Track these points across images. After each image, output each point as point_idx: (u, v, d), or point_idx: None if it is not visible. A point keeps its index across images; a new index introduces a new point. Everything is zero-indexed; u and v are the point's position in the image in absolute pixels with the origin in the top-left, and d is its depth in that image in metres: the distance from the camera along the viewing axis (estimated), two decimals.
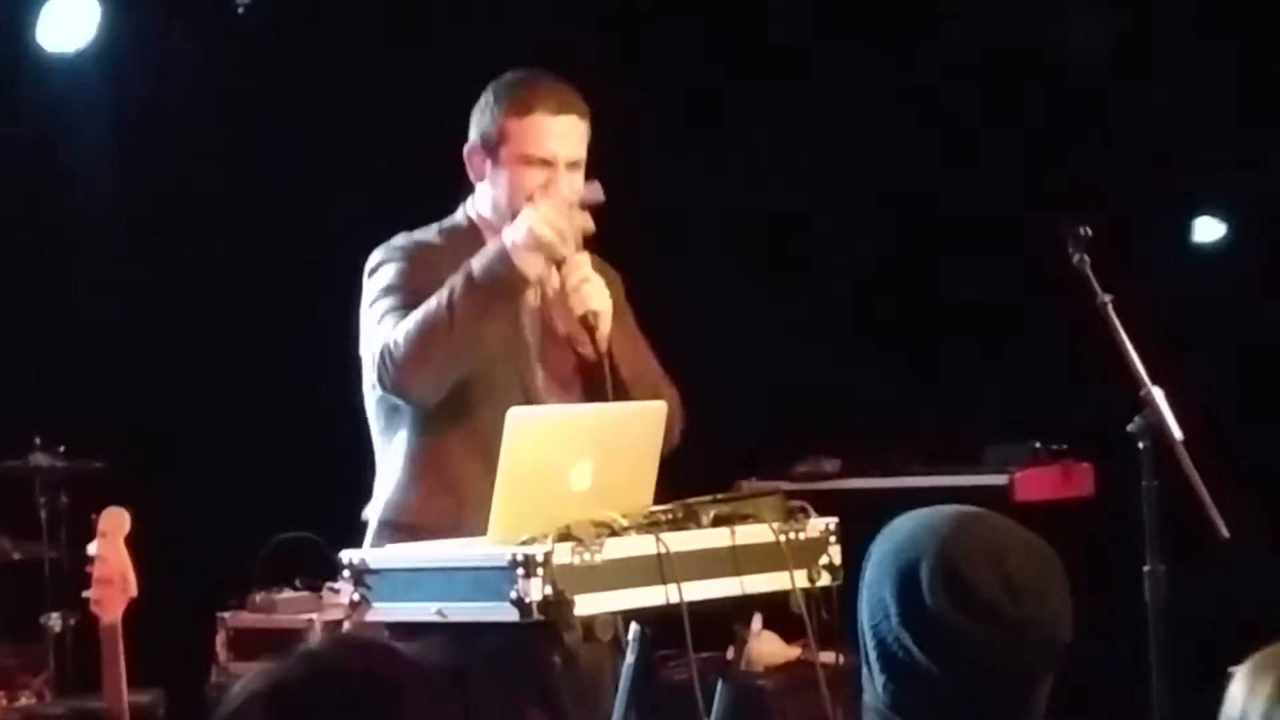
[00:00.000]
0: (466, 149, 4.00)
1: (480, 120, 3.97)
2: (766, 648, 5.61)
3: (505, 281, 3.77)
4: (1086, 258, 4.51)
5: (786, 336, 7.04)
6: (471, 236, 3.96)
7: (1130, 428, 4.36)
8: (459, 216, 4.04)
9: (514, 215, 3.87)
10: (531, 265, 3.78)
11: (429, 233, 4.04)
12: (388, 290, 3.90)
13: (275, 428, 6.52)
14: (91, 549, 3.77)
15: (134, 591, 3.76)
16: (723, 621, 3.75)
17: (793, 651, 5.62)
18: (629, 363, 3.92)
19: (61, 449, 6.08)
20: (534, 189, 3.88)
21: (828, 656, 3.61)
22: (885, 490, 6.49)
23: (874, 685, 2.21)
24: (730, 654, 3.86)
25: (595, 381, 3.86)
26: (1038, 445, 6.56)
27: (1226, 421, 5.92)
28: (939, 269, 7.15)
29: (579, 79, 4.03)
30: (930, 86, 7.10)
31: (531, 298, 3.96)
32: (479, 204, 4.02)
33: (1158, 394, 4.34)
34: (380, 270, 3.95)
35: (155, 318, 6.60)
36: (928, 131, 7.11)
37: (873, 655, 2.20)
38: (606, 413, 3.74)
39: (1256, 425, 6.80)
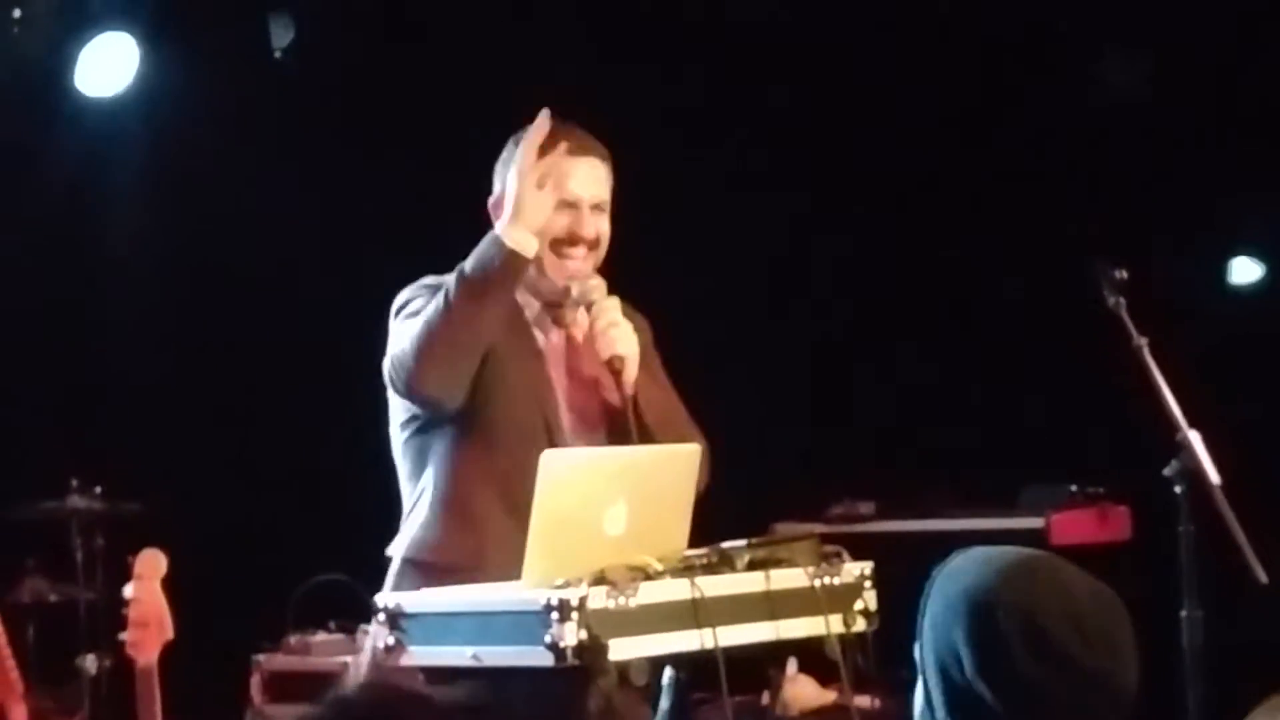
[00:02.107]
0: (491, 200, 4.00)
1: (504, 170, 3.99)
2: (802, 692, 5.59)
3: (498, 263, 3.77)
4: (1123, 300, 4.51)
5: (822, 379, 7.03)
6: None
7: (1167, 471, 4.35)
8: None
9: (537, 258, 3.87)
10: (522, 240, 3.78)
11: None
12: (407, 316, 3.92)
13: (310, 470, 6.53)
14: (127, 591, 3.77)
15: (170, 634, 3.76)
16: (758, 666, 3.73)
17: (828, 696, 5.59)
18: (655, 409, 3.91)
19: (98, 491, 6.10)
20: (559, 231, 3.88)
21: (863, 701, 3.59)
22: (920, 533, 6.46)
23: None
24: (765, 698, 3.84)
25: (620, 426, 3.85)
26: (1074, 488, 6.53)
27: (1264, 465, 5.89)
28: (975, 310, 7.13)
29: (606, 123, 4.03)
30: (968, 127, 7.10)
31: (556, 340, 3.96)
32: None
33: (1194, 437, 4.33)
34: (406, 306, 3.97)
35: (192, 360, 6.62)
36: (965, 172, 7.10)
37: (936, 693, 2.21)
38: (641, 455, 3.73)
39: None
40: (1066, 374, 6.78)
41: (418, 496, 3.94)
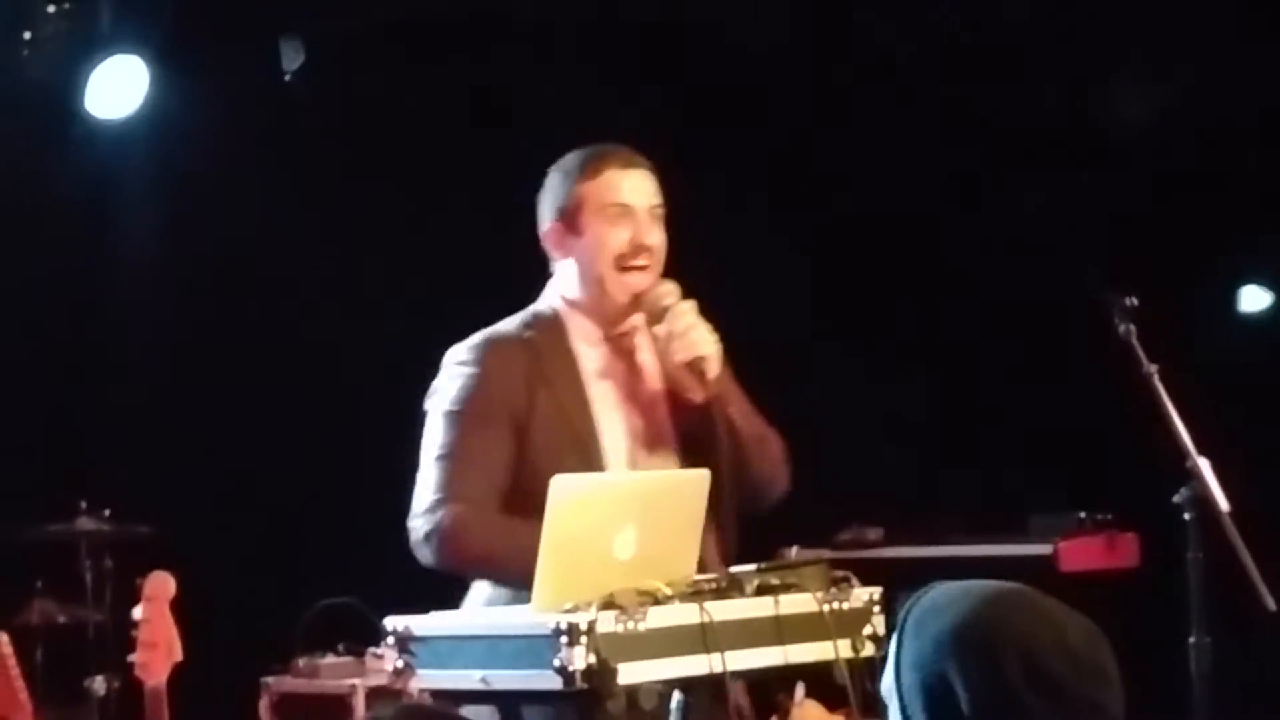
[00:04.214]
0: (544, 231, 4.00)
1: (552, 198, 3.99)
2: (809, 716, 5.58)
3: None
4: (1133, 328, 4.51)
5: (829, 405, 7.03)
6: (556, 325, 3.96)
7: (1176, 498, 4.35)
8: (542, 305, 4.02)
9: (598, 279, 3.89)
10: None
11: (512, 325, 4.00)
12: (452, 421, 3.88)
13: (319, 493, 6.54)
14: (136, 613, 3.78)
15: (179, 656, 3.77)
16: (767, 691, 3.73)
17: None
18: (737, 404, 3.95)
19: (108, 513, 6.11)
20: (621, 245, 3.88)
21: None
22: (928, 559, 6.45)
23: None
24: None
25: (697, 434, 3.84)
26: (1083, 515, 6.53)
27: (1274, 493, 5.89)
28: (985, 338, 7.14)
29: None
30: (976, 156, 7.11)
31: (616, 370, 3.95)
32: (562, 287, 3.99)
33: (1204, 465, 4.33)
34: (454, 379, 3.93)
35: (200, 383, 6.63)
36: (973, 201, 7.11)
37: None
38: (649, 481, 3.74)
39: None
40: (1077, 401, 6.78)
41: None
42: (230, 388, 6.68)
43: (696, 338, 3.84)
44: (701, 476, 3.66)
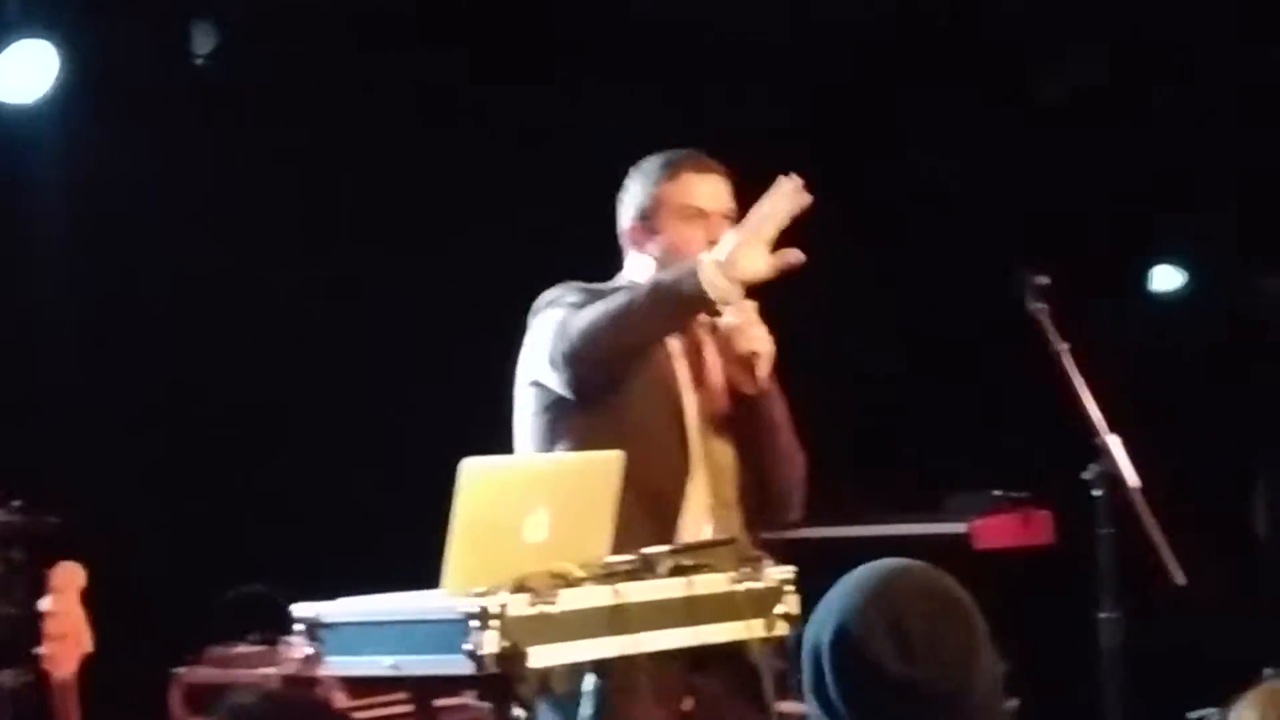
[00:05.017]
0: (625, 229, 4.20)
1: (633, 199, 4.19)
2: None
3: (685, 290, 3.88)
4: (1044, 306, 4.54)
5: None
6: None
7: (1086, 475, 4.39)
8: (620, 283, 4.19)
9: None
10: (717, 288, 3.86)
11: (606, 288, 4.15)
12: (569, 300, 4.05)
13: (230, 481, 6.49)
14: (45, 605, 3.74)
15: (88, 647, 3.72)
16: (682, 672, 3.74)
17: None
18: (780, 408, 4.18)
19: (16, 504, 6.03)
20: (697, 243, 4.04)
21: (785, 705, 3.60)
22: (847, 539, 6.47)
23: None
24: (687, 705, 3.84)
25: (747, 423, 4.09)
26: (998, 493, 6.57)
27: (1182, 468, 5.94)
28: (898, 317, 7.16)
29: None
30: (891, 131, 7.13)
31: (684, 348, 4.13)
32: (638, 277, 4.15)
33: (1114, 441, 4.37)
34: (557, 299, 4.09)
35: (111, 371, 6.57)
36: (887, 175, 7.13)
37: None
38: (561, 463, 3.75)
39: (1213, 471, 6.83)
40: (990, 380, 6.82)
41: None
42: (141, 377, 6.62)
43: (756, 334, 4.05)
44: (614, 458, 3.66)
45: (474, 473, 3.41)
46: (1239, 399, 7.16)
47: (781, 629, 3.61)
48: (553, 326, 4.00)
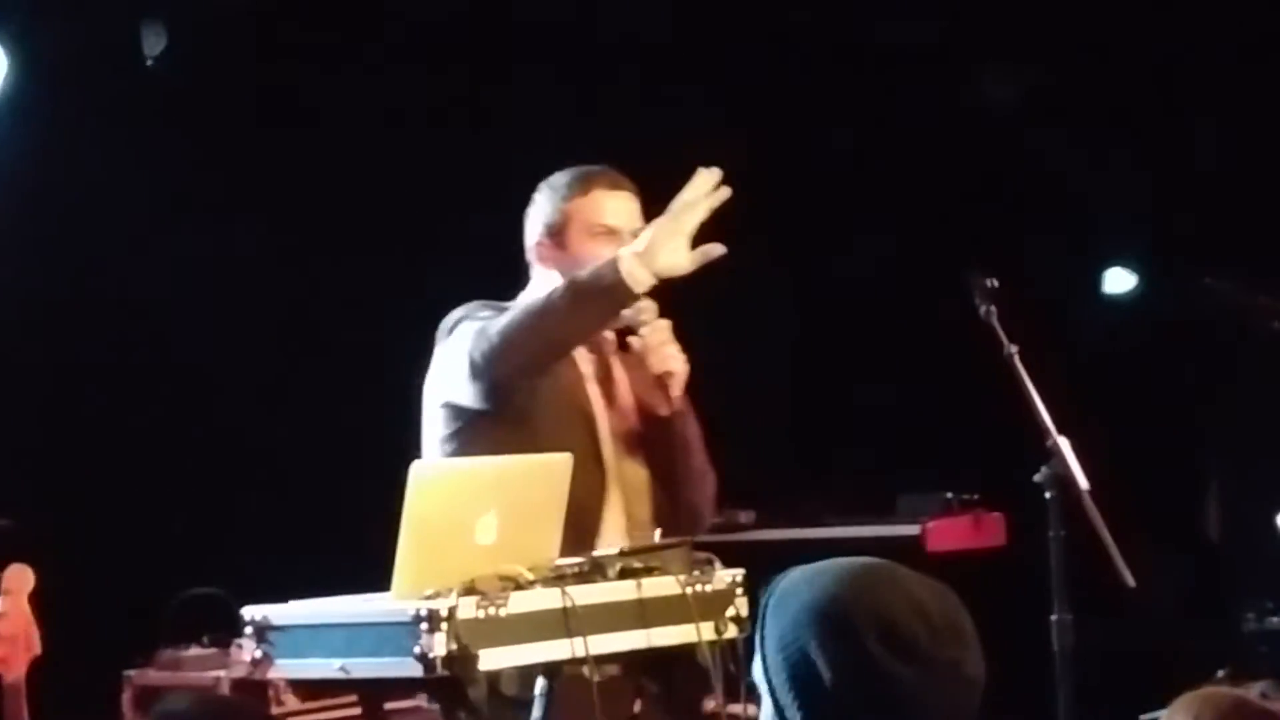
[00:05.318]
0: (532, 244, 4.15)
1: (541, 213, 4.16)
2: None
3: (606, 283, 3.84)
4: (993, 309, 4.55)
5: (700, 387, 7.03)
6: None
7: (1037, 477, 4.40)
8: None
9: None
10: (637, 279, 3.83)
11: (502, 305, 4.11)
12: (481, 314, 4.01)
13: (180, 483, 6.47)
14: None
15: (38, 649, 3.72)
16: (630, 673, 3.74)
17: None
18: (693, 430, 4.13)
19: None
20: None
21: (735, 708, 3.60)
22: (798, 541, 6.49)
23: None
24: (638, 707, 3.84)
25: (659, 443, 4.05)
26: (949, 495, 6.59)
27: (1133, 471, 5.96)
28: (850, 319, 7.17)
29: None
30: (837, 133, 7.13)
31: (595, 368, 4.11)
32: (539, 292, 4.10)
33: (1064, 444, 4.38)
34: (464, 319, 4.04)
35: (61, 373, 6.54)
36: (838, 178, 7.14)
37: (793, 712, 2.21)
38: (510, 465, 3.73)
39: (1163, 474, 6.86)
40: (941, 382, 6.83)
41: None
42: (89, 378, 6.59)
43: (670, 352, 4.02)
44: (563, 461, 3.65)
45: (423, 475, 3.41)
46: (1190, 401, 7.19)
47: (732, 631, 3.61)
48: (469, 338, 3.94)
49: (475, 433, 3.97)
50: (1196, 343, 7.09)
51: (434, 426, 4.06)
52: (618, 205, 4.09)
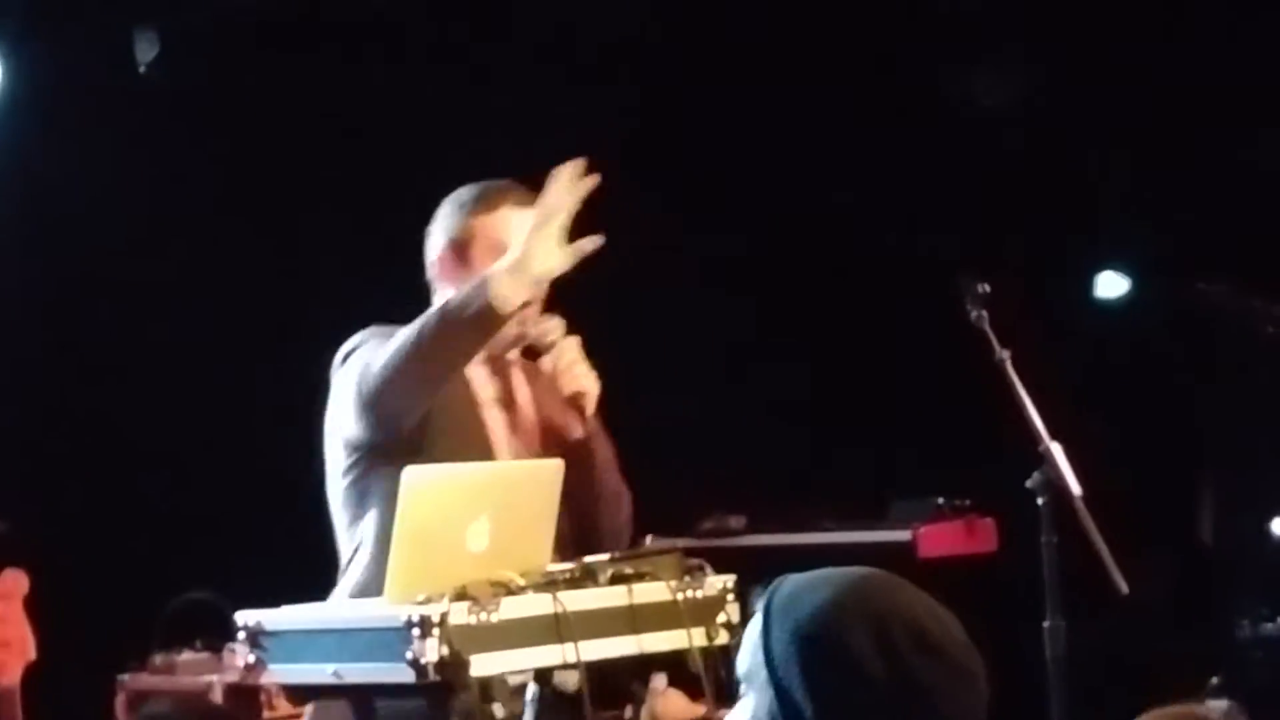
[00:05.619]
0: (435, 256, 4.08)
1: (446, 225, 4.07)
2: (672, 705, 5.58)
3: (475, 309, 3.74)
4: (985, 314, 4.55)
5: (691, 392, 7.04)
6: None
7: (1029, 483, 4.40)
8: None
9: None
10: (508, 293, 3.74)
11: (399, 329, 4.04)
12: (370, 345, 3.94)
13: (175, 488, 6.47)
14: None
15: (32, 654, 3.71)
16: (621, 681, 3.74)
17: (698, 709, 5.59)
18: (604, 452, 4.05)
19: None
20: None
21: (727, 714, 3.59)
22: (790, 547, 6.48)
23: None
24: (628, 713, 3.84)
25: (571, 465, 3.84)
26: (941, 501, 6.58)
27: (1126, 476, 5.97)
28: (844, 323, 7.17)
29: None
30: (831, 138, 7.13)
31: (496, 392, 4.03)
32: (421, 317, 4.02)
33: (1056, 449, 4.38)
34: (359, 349, 3.97)
35: (54, 376, 6.55)
36: (829, 183, 7.14)
37: (805, 701, 2.20)
38: (503, 471, 3.75)
39: (1157, 481, 6.86)
40: (933, 387, 6.83)
41: (357, 543, 3.94)
42: (84, 381, 6.60)
43: (580, 372, 3.94)
44: (555, 466, 3.66)
45: (416, 481, 3.42)
46: (1183, 406, 7.20)
47: (723, 637, 3.61)
48: (356, 371, 3.87)
49: (371, 464, 3.89)
50: (1189, 348, 7.09)
51: (335, 460, 3.98)
52: (524, 222, 3.86)
